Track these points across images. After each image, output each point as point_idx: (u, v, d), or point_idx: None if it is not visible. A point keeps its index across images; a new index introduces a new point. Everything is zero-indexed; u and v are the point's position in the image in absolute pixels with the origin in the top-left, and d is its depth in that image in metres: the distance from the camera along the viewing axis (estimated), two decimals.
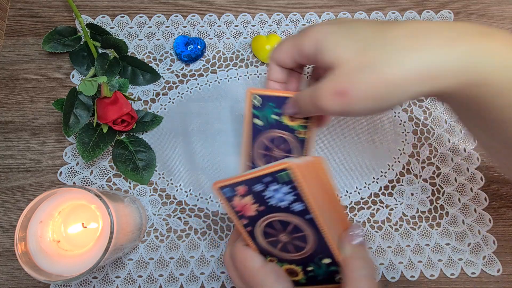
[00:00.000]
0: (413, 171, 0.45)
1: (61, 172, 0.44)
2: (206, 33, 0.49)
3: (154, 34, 0.49)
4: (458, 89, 0.22)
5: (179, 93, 0.47)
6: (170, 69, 0.48)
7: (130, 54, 0.48)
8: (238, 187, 0.26)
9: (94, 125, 0.42)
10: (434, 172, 0.45)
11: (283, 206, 0.26)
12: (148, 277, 0.41)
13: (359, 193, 0.44)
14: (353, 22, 0.26)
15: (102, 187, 0.44)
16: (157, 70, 0.47)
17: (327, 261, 0.28)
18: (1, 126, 0.45)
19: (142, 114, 0.45)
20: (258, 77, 0.48)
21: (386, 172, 0.45)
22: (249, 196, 0.26)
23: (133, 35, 0.49)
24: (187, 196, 0.44)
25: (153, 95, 0.47)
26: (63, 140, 0.45)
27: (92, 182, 0.44)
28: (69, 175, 0.44)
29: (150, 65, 0.47)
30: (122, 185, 0.44)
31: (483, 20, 0.50)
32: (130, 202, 0.39)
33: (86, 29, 0.46)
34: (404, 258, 0.42)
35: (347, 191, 0.44)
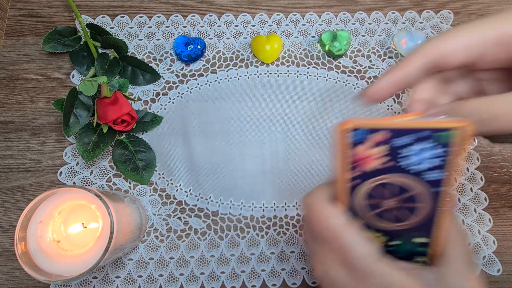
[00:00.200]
0: None
1: (61, 172, 0.44)
2: (206, 33, 0.49)
3: (154, 34, 0.49)
4: None
5: (179, 93, 0.47)
6: (170, 69, 0.48)
7: (130, 54, 0.48)
8: (376, 134, 0.22)
9: (94, 125, 0.42)
10: None
11: (414, 170, 0.22)
12: (148, 277, 0.41)
13: None
14: None
15: (102, 187, 0.44)
16: (157, 70, 0.47)
17: (422, 240, 0.25)
18: (1, 126, 0.45)
19: (142, 114, 0.45)
20: (258, 77, 0.48)
21: None
22: (381, 147, 0.22)
23: (133, 35, 0.49)
24: (187, 196, 0.44)
25: (153, 95, 0.47)
26: (63, 140, 0.45)
27: (92, 182, 0.44)
28: (69, 175, 0.44)
29: (150, 65, 0.47)
30: (122, 185, 0.44)
31: None
32: (130, 202, 0.39)
33: (86, 29, 0.46)
34: None
35: None
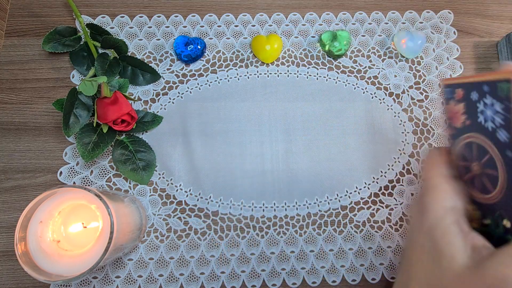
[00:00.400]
0: (413, 171, 0.45)
1: (61, 172, 0.44)
2: (206, 33, 0.49)
3: (154, 34, 0.49)
4: None
5: (179, 93, 0.47)
6: (170, 69, 0.48)
7: (130, 54, 0.48)
8: (458, 90, 0.22)
9: (94, 125, 0.42)
10: None
11: (489, 128, 0.21)
12: (148, 277, 0.41)
13: (359, 193, 0.44)
14: None
15: (102, 187, 0.44)
16: (157, 70, 0.47)
17: (507, 224, 0.21)
18: (1, 126, 0.45)
19: (142, 114, 0.45)
20: (258, 77, 0.48)
21: (386, 172, 0.45)
22: (462, 103, 0.22)
23: (133, 35, 0.49)
24: (187, 196, 0.44)
25: (153, 95, 0.47)
26: (63, 140, 0.45)
27: (92, 182, 0.44)
28: (69, 175, 0.44)
29: (150, 65, 0.47)
30: (122, 185, 0.44)
31: (483, 20, 0.50)
32: (130, 202, 0.39)
33: (86, 29, 0.46)
34: None
35: (347, 191, 0.44)
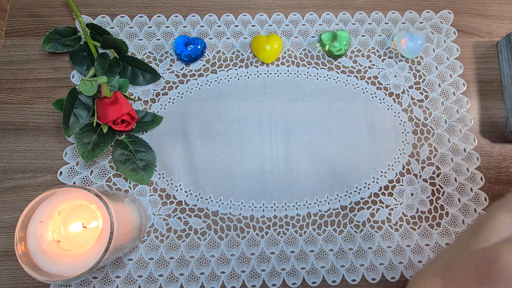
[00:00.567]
0: (413, 171, 0.45)
1: (61, 172, 0.44)
2: (206, 33, 0.49)
3: (154, 34, 0.49)
4: None
5: (179, 93, 0.47)
6: (170, 69, 0.48)
7: (130, 54, 0.48)
8: None
9: (94, 125, 0.42)
10: (434, 172, 0.45)
11: None
12: (148, 277, 0.41)
13: (359, 193, 0.44)
14: None
15: (102, 187, 0.44)
16: (157, 70, 0.47)
17: None
18: (1, 126, 0.45)
19: (142, 114, 0.45)
20: (258, 77, 0.48)
21: (386, 172, 0.45)
22: None
23: (133, 35, 0.49)
24: (187, 196, 0.44)
25: (153, 95, 0.47)
26: (63, 140, 0.45)
27: (92, 182, 0.44)
28: (69, 175, 0.44)
29: (150, 65, 0.47)
30: (122, 185, 0.44)
31: (483, 20, 0.50)
32: (130, 202, 0.39)
33: (86, 29, 0.46)
34: (404, 258, 0.42)
35: (347, 191, 0.44)
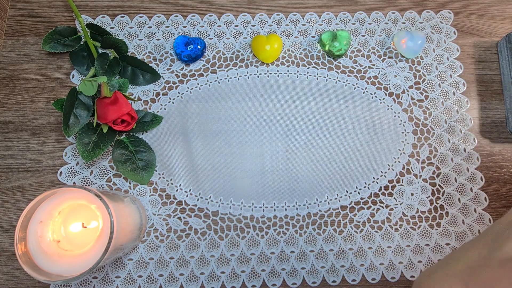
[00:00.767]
0: (413, 171, 0.45)
1: (61, 172, 0.44)
2: (206, 33, 0.49)
3: (154, 34, 0.49)
4: None
5: (179, 93, 0.47)
6: (170, 69, 0.48)
7: (130, 54, 0.48)
8: None
9: (94, 125, 0.42)
10: (434, 172, 0.45)
11: None
12: (148, 277, 0.41)
13: (359, 193, 0.44)
14: None
15: (102, 187, 0.44)
16: (157, 70, 0.47)
17: None
18: (1, 126, 0.45)
19: (142, 114, 0.45)
20: (258, 77, 0.48)
21: (386, 172, 0.45)
22: None
23: (133, 35, 0.49)
24: (187, 196, 0.44)
25: (153, 95, 0.47)
26: (63, 140, 0.45)
27: (92, 182, 0.44)
28: (69, 175, 0.44)
29: (150, 65, 0.47)
30: (122, 185, 0.44)
31: (483, 20, 0.50)
32: (130, 202, 0.39)
33: (86, 29, 0.46)
34: (404, 258, 0.42)
35: (347, 191, 0.44)
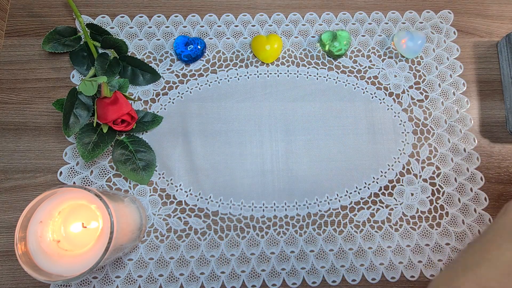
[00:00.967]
0: (413, 171, 0.45)
1: (61, 172, 0.44)
2: (206, 33, 0.49)
3: (154, 34, 0.49)
4: None
5: (179, 93, 0.47)
6: (170, 69, 0.48)
7: (130, 54, 0.48)
8: None
9: (94, 125, 0.42)
10: (434, 172, 0.45)
11: None
12: (148, 277, 0.41)
13: (359, 193, 0.44)
14: None
15: (102, 187, 0.44)
16: (157, 70, 0.47)
17: None
18: (1, 126, 0.45)
19: (142, 114, 0.45)
20: (258, 77, 0.48)
21: (386, 172, 0.45)
22: None
23: (133, 35, 0.49)
24: (187, 196, 0.44)
25: (153, 95, 0.47)
26: (63, 140, 0.45)
27: (92, 182, 0.44)
28: (69, 175, 0.44)
29: (150, 65, 0.47)
30: (122, 185, 0.44)
31: (483, 20, 0.50)
32: (130, 202, 0.39)
33: (86, 29, 0.46)
34: (404, 258, 0.42)
35: (347, 191, 0.44)
